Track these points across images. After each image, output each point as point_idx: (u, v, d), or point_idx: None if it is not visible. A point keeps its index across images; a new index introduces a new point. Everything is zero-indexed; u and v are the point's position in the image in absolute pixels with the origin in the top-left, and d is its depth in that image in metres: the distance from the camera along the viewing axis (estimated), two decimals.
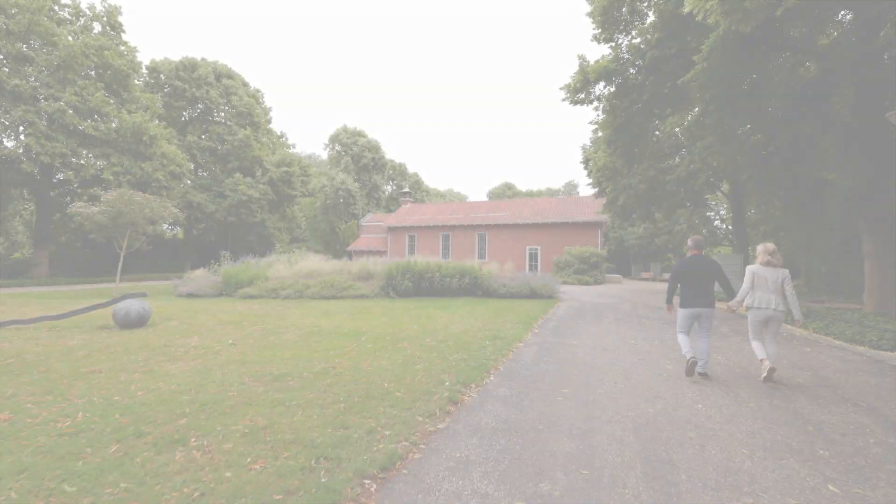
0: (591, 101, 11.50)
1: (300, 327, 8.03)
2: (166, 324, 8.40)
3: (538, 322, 9.10)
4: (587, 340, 7.18)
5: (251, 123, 30.82)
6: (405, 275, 12.90)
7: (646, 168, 14.67)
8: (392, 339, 6.88)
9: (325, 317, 9.42)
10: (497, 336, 7.16)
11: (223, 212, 27.76)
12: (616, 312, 10.90)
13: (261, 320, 8.89)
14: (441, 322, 8.66)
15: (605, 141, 11.94)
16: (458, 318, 9.27)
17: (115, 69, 20.16)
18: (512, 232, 30.67)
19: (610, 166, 13.79)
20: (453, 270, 13.18)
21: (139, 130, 20.45)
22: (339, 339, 6.97)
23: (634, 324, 9.07)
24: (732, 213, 18.16)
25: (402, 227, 34.64)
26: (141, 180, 21.38)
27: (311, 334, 7.37)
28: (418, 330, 7.75)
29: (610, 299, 14.39)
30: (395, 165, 59.55)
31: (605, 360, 5.79)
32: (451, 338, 7.01)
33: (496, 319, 9.08)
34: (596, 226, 28.24)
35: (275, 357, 5.66)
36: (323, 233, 50.74)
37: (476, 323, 8.60)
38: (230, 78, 30.45)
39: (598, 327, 8.59)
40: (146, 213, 15.18)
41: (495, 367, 5.35)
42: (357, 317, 9.42)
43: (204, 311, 10.41)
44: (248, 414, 3.60)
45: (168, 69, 27.94)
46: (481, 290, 13.27)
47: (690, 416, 3.78)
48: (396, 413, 3.67)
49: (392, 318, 9.17)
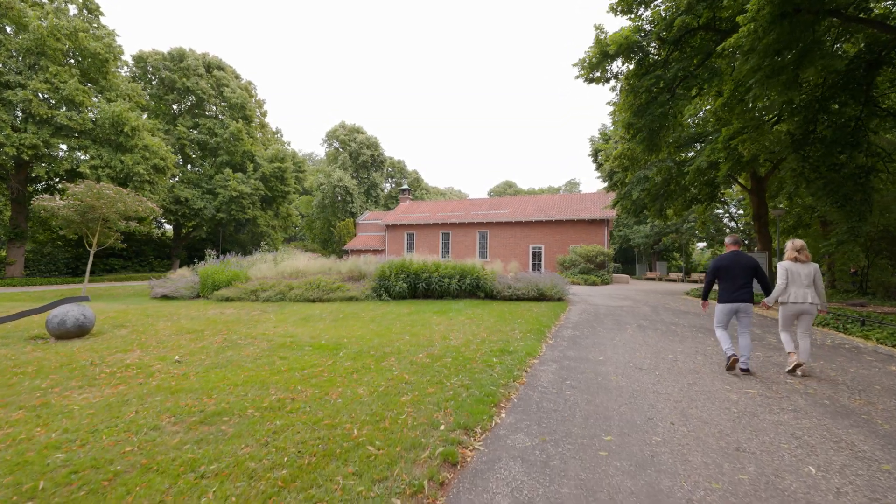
0: (608, 79, 10.22)
1: (270, 338, 6.76)
2: (113, 333, 7.13)
3: (551, 330, 7.83)
4: (615, 355, 5.90)
5: (243, 117, 29.49)
6: (399, 275, 11.62)
7: (664, 158, 13.34)
8: (377, 355, 5.61)
9: (304, 324, 8.14)
10: (505, 350, 5.88)
11: (213, 208, 26.46)
12: (637, 317, 9.63)
13: (227, 328, 7.62)
14: (438, 330, 7.39)
15: (624, 125, 10.66)
16: (457, 325, 8.00)
17: (92, 54, 18.84)
18: (514, 230, 29.42)
19: (628, 154, 12.45)
20: (453, 270, 11.91)
21: (118, 121, 19.16)
22: (311, 354, 5.70)
23: (663, 332, 7.78)
24: (754, 209, 16.83)
25: (401, 225, 33.40)
26: (121, 174, 20.09)
27: (279, 347, 6.09)
28: (410, 341, 6.47)
29: (624, 301, 13.12)
30: (394, 163, 58.26)
31: (646, 386, 4.51)
32: (449, 352, 5.74)
33: (502, 327, 7.80)
34: (602, 223, 27.00)
35: (221, 382, 4.39)
36: (320, 231, 49.52)
37: (479, 331, 7.33)
38: (221, 69, 29.14)
39: (622, 336, 7.32)
40: (119, 207, 13.89)
41: (506, 398, 4.08)
42: (341, 323, 8.15)
43: (169, 316, 9.14)
44: (129, 496, 2.32)
45: (155, 60, 26.64)
46: (484, 291, 12.00)
47: (807, 489, 2.51)
48: (362, 490, 2.39)
49: (381, 326, 7.90)
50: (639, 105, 10.13)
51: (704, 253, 54.86)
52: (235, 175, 26.42)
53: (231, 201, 26.14)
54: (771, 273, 15.01)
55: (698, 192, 19.48)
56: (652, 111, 9.89)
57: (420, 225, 32.89)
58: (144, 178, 20.38)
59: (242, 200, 26.38)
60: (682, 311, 10.95)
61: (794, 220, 22.19)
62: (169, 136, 26.12)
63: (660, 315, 10.06)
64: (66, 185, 13.66)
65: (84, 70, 20.23)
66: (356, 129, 52.33)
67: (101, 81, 20.82)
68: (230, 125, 27.36)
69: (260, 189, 27.50)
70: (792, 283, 4.84)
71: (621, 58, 9.84)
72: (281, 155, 28.55)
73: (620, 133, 11.20)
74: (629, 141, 11.34)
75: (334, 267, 13.45)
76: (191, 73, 26.91)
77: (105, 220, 14.19)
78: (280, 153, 28.62)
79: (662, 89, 9.88)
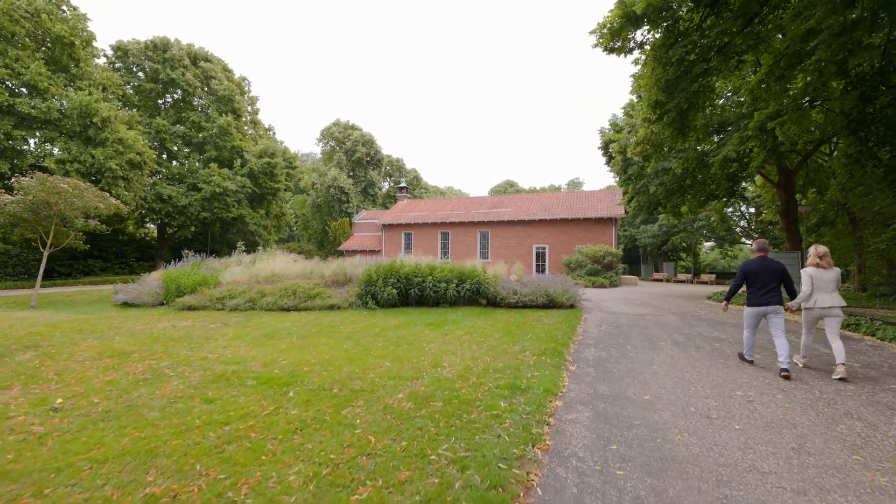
0: (631, 49, 8.70)
1: (210, 365, 5.23)
2: (12, 358, 5.60)
3: (570, 349, 6.30)
4: (664, 392, 4.37)
5: (232, 111, 27.92)
6: (388, 280, 10.09)
7: (691, 146, 11.80)
8: (340, 395, 4.09)
9: (265, 342, 6.61)
10: (516, 385, 4.35)
11: (197, 205, 24.89)
12: (667, 330, 8.09)
13: (166, 349, 6.09)
14: (429, 352, 5.86)
15: (649, 104, 9.13)
16: (454, 343, 6.47)
17: (57, 37, 17.33)
18: (517, 229, 27.93)
19: (652, 140, 10.90)
20: (450, 274, 10.38)
21: (87, 111, 17.63)
22: (252, 393, 4.18)
23: (708, 351, 6.25)
24: (782, 205, 15.29)
25: (398, 225, 31.93)
26: (93, 170, 18.57)
27: (213, 381, 4.57)
28: (391, 370, 4.95)
29: (643, 308, 11.59)
30: (392, 161, 56.72)
31: (733, 454, 2.99)
32: (439, 389, 4.22)
33: (509, 345, 6.28)
34: (609, 222, 25.48)
35: (80, 455, 2.87)
36: (316, 232, 47.99)
37: (480, 353, 5.80)
38: (208, 61, 27.58)
39: (660, 358, 5.79)
40: (76, 204, 12.37)
41: (524, 485, 2.56)
42: (311, 342, 6.62)
43: (106, 331, 7.61)
44: None
45: (137, 50, 25.12)
46: (485, 298, 10.47)
47: None
48: None
49: (359, 345, 6.37)
50: (667, 81, 8.61)
51: (709, 254, 53.30)
52: (221, 171, 24.83)
53: (214, 198, 24.53)
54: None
55: (717, 188, 18.00)
56: (684, 87, 8.35)
57: (418, 224, 31.43)
58: (118, 173, 18.84)
59: (227, 198, 24.75)
60: (716, 320, 9.42)
61: (817, 218, 20.68)
62: (151, 129, 24.57)
63: (693, 326, 8.52)
64: (18, 178, 12.13)
65: (53, 57, 18.72)
66: (351, 127, 50.82)
67: (73, 69, 19.31)
68: (218, 119, 25.80)
69: (247, 186, 25.86)
70: (817, 289, 4.97)
71: (647, 24, 8.32)
72: (270, 150, 26.92)
73: (644, 113, 9.69)
74: (654, 123, 9.80)
75: (317, 270, 11.92)
76: (176, 63, 25.34)
77: (62, 218, 12.66)
78: (269, 148, 26.98)
79: (695, 61, 8.36)
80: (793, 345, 6.31)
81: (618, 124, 15.94)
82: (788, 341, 4.98)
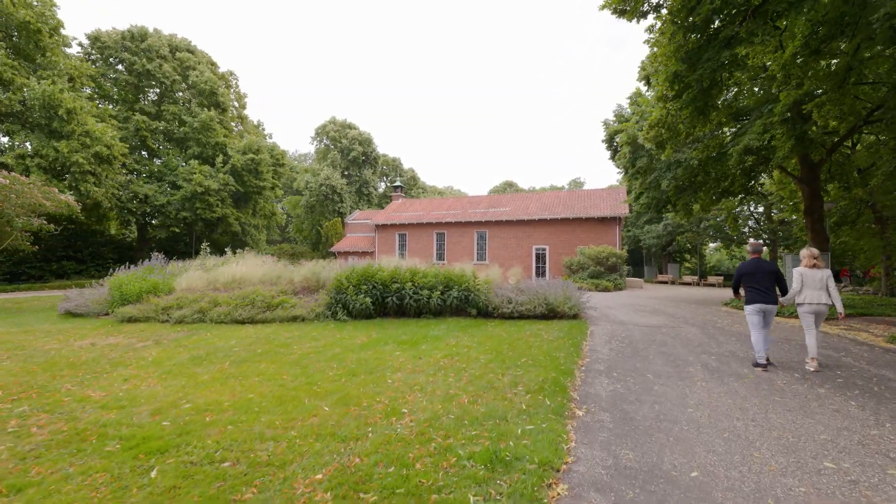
0: (645, 13, 7.31)
1: (80, 412, 3.81)
2: None
3: (576, 380, 4.88)
4: (719, 465, 2.94)
5: (215, 105, 26.49)
6: (361, 286, 8.67)
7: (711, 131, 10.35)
8: (227, 476, 2.67)
9: (185, 371, 5.19)
10: (498, 455, 2.92)
11: (176, 204, 23.47)
12: (690, 347, 6.68)
13: (43, 385, 4.67)
14: (390, 388, 4.45)
15: (667, 78, 7.70)
16: (426, 371, 5.06)
17: (21, 24, 16.00)
18: (515, 230, 26.53)
19: (668, 123, 9.42)
20: (434, 280, 8.95)
21: (51, 102, 16.27)
22: (96, 469, 2.77)
23: (755, 383, 4.81)
24: (806, 201, 13.86)
25: (391, 225, 30.55)
26: (56, 165, 17.18)
27: (59, 445, 3.15)
28: (325, 422, 3.53)
29: (656, 316, 10.18)
30: (389, 160, 55.35)
31: None
32: (383, 463, 2.80)
33: (497, 377, 4.86)
34: (613, 222, 24.11)
35: None
36: (309, 233, 46.61)
37: (458, 390, 4.39)
38: (189, 52, 26.20)
39: (695, 395, 4.37)
40: (14, 201, 10.99)
41: None
42: (243, 371, 5.19)
43: (3, 351, 6.20)
44: None
45: (113, 40, 23.75)
46: (476, 307, 9.05)
47: None
48: None
49: (304, 374, 4.96)
50: (687, 51, 7.22)
51: (714, 254, 51.79)
52: (202, 168, 23.40)
53: (195, 197, 23.10)
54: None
55: (732, 184, 16.59)
56: (709, 57, 6.95)
57: (413, 224, 30.05)
58: (85, 168, 17.45)
59: (208, 197, 23.31)
60: (744, 333, 8.00)
61: (837, 217, 19.23)
62: (128, 124, 23.18)
63: (721, 343, 7.10)
64: None
65: (17, 45, 17.38)
66: (347, 125, 49.49)
67: (38, 58, 17.97)
68: (199, 114, 24.38)
69: (230, 184, 24.39)
70: (806, 287, 5.29)
71: None
72: (255, 146, 25.48)
73: (660, 90, 8.28)
74: (672, 100, 8.35)
75: (285, 274, 10.51)
76: (153, 54, 23.99)
77: (0, 216, 11.28)
78: (254, 144, 25.54)
79: (722, 26, 6.96)
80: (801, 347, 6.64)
81: (623, 115, 14.57)
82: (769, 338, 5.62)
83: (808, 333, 5.41)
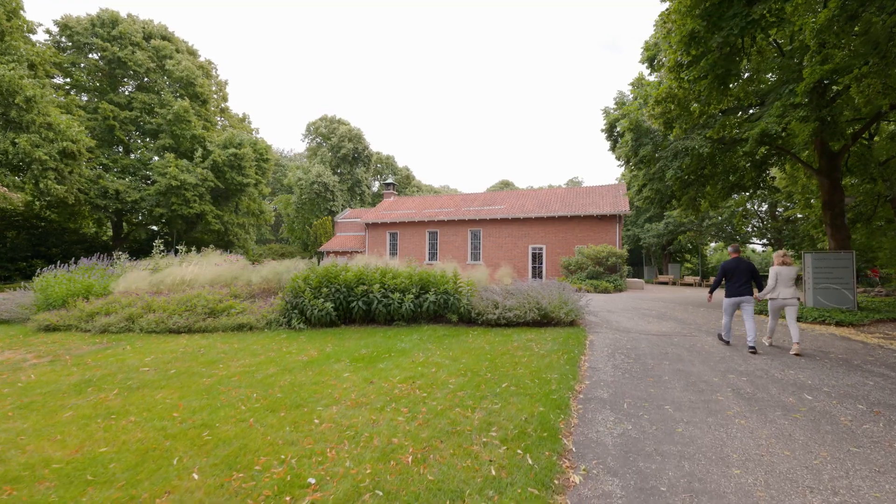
0: None
1: None
2: None
3: (571, 417, 3.61)
4: None
5: (192, 95, 25.08)
6: (321, 289, 7.39)
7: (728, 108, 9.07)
8: None
9: (54, 403, 3.89)
10: None
11: (151, 200, 22.08)
12: (712, 364, 5.43)
13: None
14: (312, 435, 3.18)
15: (681, 41, 6.42)
16: (374, 403, 3.79)
17: None
18: (511, 228, 25.32)
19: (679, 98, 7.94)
20: (407, 281, 7.67)
21: (9, 88, 14.91)
22: None
23: (813, 421, 3.56)
24: (824, 196, 12.69)
25: (382, 224, 29.31)
26: (15, 160, 15.82)
27: None
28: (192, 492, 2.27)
29: (663, 322, 8.95)
30: (382, 158, 54.06)
31: None
32: None
33: (466, 413, 3.59)
34: (613, 220, 22.95)
35: None
36: (300, 232, 45.24)
37: (407, 436, 3.12)
38: (166, 40, 24.81)
39: (735, 442, 3.12)
40: None
41: None
42: (129, 403, 3.89)
43: None
44: None
45: (83, 26, 22.36)
46: (456, 313, 7.78)
47: None
48: None
49: (208, 410, 3.69)
50: (708, 7, 5.98)
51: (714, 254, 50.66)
52: (178, 161, 22.01)
53: (170, 192, 21.71)
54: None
55: (741, 177, 15.39)
56: (736, 12, 5.68)
57: (404, 223, 28.82)
58: (48, 164, 16.09)
59: (185, 192, 21.93)
60: (773, 343, 6.77)
61: (852, 213, 18.07)
62: (98, 115, 21.79)
63: (747, 358, 5.83)
64: None
65: None
66: (338, 121, 48.19)
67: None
68: (174, 104, 22.99)
69: (209, 179, 23.01)
70: (780, 284, 6.13)
71: None
72: (237, 140, 24.09)
73: (672, 57, 6.98)
74: (687, 68, 7.05)
75: (243, 276, 9.22)
76: (125, 41, 22.61)
77: None
78: (235, 138, 24.15)
79: None
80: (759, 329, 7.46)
81: (625, 103, 13.38)
82: (755, 325, 6.23)
83: (770, 320, 6.45)
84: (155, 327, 6.96)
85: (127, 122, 22.86)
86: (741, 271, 6.36)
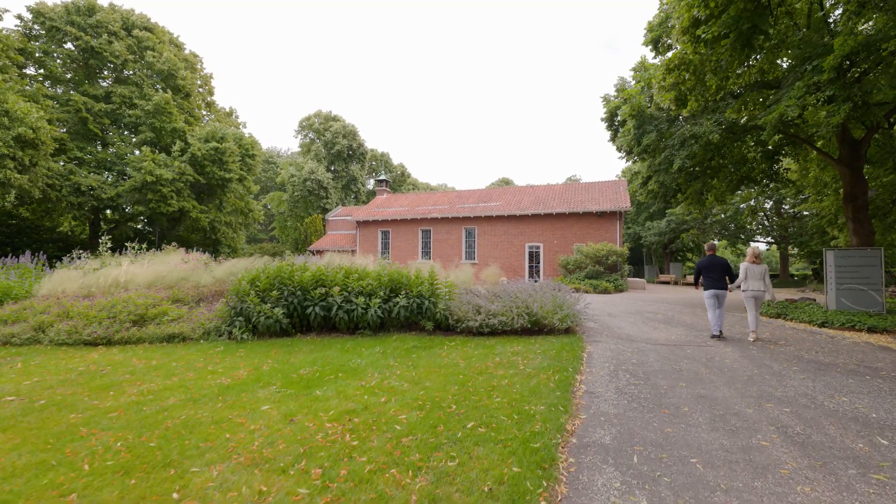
0: None
1: None
2: None
3: (558, 485, 2.48)
4: None
5: (174, 88, 23.90)
6: (271, 292, 6.26)
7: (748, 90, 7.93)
8: None
9: None
10: None
11: (127, 196, 20.91)
12: (738, 383, 4.30)
13: None
14: None
15: None
16: (270, 465, 2.65)
17: None
18: (507, 225, 24.20)
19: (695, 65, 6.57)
20: (375, 283, 6.53)
21: None
22: None
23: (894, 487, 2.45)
24: (846, 188, 11.61)
25: (374, 222, 28.20)
26: None
27: None
28: None
29: (671, 328, 7.82)
30: (377, 155, 52.83)
31: None
32: None
33: (404, 479, 2.45)
34: (613, 217, 21.85)
35: None
36: (293, 230, 44.09)
37: None
38: (148, 30, 23.64)
39: None
40: None
41: None
42: None
43: None
44: None
45: (58, 14, 21.20)
46: (433, 320, 6.65)
47: None
48: None
49: (36, 469, 2.55)
50: None
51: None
52: (156, 156, 20.83)
53: (146, 188, 20.55)
54: None
55: (751, 169, 14.28)
56: None
57: (396, 221, 27.69)
58: (2, 151, 14.94)
59: (161, 188, 20.76)
60: (807, 357, 5.65)
61: (870, 207, 16.98)
62: (68, 105, 20.63)
63: (783, 378, 4.71)
64: None
65: None
66: (333, 118, 47.03)
67: None
68: (153, 96, 21.83)
69: (187, 174, 21.82)
70: (749, 278, 6.82)
71: None
72: (219, 134, 22.89)
73: (686, 17, 5.85)
74: (706, 24, 5.89)
75: (193, 277, 8.08)
76: (102, 30, 21.46)
77: None
78: (218, 131, 22.97)
79: None
80: None
81: (627, 89, 12.29)
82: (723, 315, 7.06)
83: (749, 313, 6.91)
84: (66, 338, 5.83)
85: (103, 114, 21.68)
86: (715, 267, 6.97)
